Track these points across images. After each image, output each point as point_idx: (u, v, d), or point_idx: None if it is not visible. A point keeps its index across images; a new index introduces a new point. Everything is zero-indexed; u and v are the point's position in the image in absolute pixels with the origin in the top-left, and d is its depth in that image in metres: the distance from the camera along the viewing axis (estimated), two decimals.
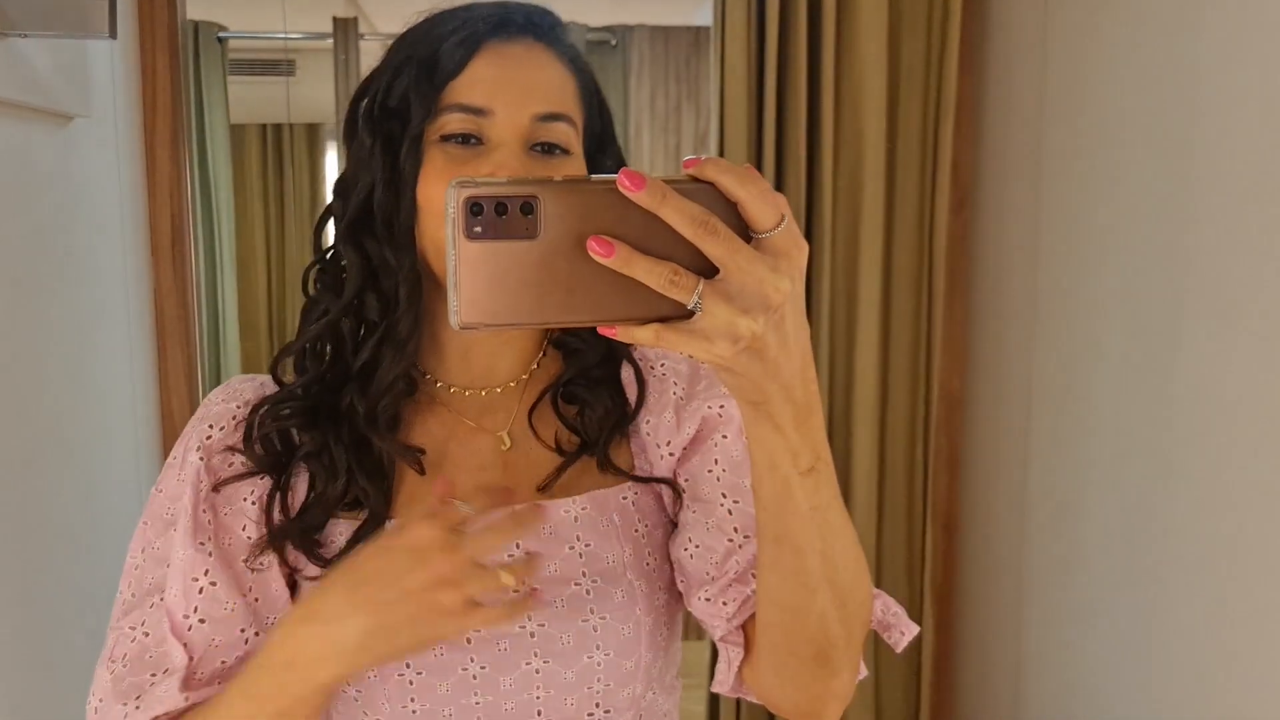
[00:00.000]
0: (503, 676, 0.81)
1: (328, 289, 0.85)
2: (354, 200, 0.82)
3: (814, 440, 0.64)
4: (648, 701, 0.88)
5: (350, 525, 0.83)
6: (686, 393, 0.89)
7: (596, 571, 0.84)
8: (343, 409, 0.84)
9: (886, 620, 0.87)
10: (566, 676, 0.82)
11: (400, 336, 0.82)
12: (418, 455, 0.85)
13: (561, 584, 0.83)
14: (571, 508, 0.86)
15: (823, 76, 2.02)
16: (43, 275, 1.47)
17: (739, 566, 0.83)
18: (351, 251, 0.83)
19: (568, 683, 0.83)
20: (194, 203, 2.90)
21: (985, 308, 2.09)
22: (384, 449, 0.83)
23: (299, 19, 3.09)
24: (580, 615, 0.83)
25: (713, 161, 0.56)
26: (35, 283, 1.44)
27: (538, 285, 0.55)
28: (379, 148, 0.81)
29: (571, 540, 0.85)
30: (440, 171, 0.79)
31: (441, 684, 0.81)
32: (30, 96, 1.39)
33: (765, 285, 0.55)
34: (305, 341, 0.85)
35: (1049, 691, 1.86)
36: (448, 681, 0.81)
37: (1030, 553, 1.91)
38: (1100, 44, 1.68)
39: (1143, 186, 1.55)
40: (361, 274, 0.82)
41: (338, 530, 0.83)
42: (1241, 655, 1.34)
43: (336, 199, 0.85)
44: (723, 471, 0.86)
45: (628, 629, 0.84)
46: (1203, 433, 1.41)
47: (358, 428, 0.83)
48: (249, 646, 0.81)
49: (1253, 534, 1.31)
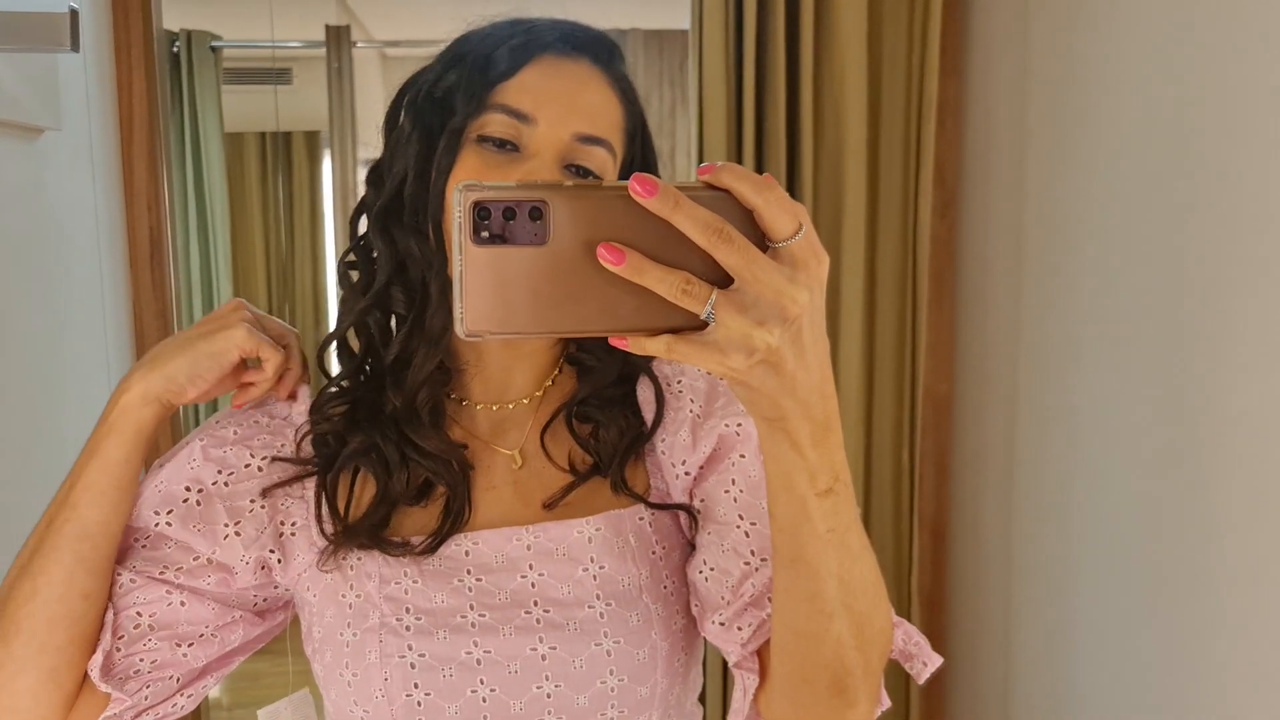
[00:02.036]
0: (513, 700, 0.80)
1: (358, 281, 0.86)
2: (387, 188, 0.82)
3: (833, 460, 0.62)
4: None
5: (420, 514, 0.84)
6: (704, 410, 0.86)
7: (611, 594, 0.82)
8: (382, 408, 0.84)
9: (908, 650, 0.83)
10: (579, 702, 0.80)
11: (433, 334, 0.82)
12: (460, 451, 0.85)
13: (575, 606, 0.81)
14: (585, 528, 0.84)
15: (802, 80, 2.01)
16: (15, 289, 1.47)
17: (755, 590, 0.80)
18: (380, 241, 0.83)
19: (581, 708, 0.80)
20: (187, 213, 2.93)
21: (971, 311, 2.07)
22: (426, 446, 0.83)
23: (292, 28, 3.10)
24: (593, 639, 0.80)
25: (728, 167, 0.53)
26: (7, 295, 1.44)
27: (546, 293, 0.53)
28: (417, 137, 0.81)
29: (585, 562, 0.83)
30: (472, 171, 0.78)
31: (450, 707, 0.79)
32: None
33: (782, 296, 0.53)
34: (336, 335, 0.86)
35: (1038, 696, 1.84)
36: (455, 704, 0.79)
37: (1018, 557, 1.89)
38: (1081, 44, 1.66)
39: (1126, 188, 1.53)
40: (389, 265, 0.82)
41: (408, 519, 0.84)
42: (1228, 657, 1.32)
43: (370, 187, 0.85)
44: (740, 492, 0.83)
45: (643, 654, 0.81)
46: (1188, 435, 1.39)
47: (399, 425, 0.84)
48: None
49: (1240, 534, 1.30)
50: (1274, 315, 1.21)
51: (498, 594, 0.81)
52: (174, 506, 0.82)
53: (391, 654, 0.79)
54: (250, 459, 0.85)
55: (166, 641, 0.81)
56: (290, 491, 0.85)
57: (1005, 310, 1.92)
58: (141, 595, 0.80)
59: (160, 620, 0.81)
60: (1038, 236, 1.81)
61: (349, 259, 0.87)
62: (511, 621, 0.80)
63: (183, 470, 0.83)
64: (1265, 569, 1.24)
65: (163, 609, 0.81)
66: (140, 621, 0.80)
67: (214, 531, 0.82)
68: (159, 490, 0.83)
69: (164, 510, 0.83)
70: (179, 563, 0.82)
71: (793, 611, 0.70)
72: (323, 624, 0.83)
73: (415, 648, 0.79)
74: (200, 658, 0.83)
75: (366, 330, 0.85)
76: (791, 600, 0.69)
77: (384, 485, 0.83)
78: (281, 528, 0.84)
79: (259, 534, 0.83)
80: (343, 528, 0.82)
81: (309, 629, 0.85)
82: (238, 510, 0.83)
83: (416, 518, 0.84)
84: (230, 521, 0.83)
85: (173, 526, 0.82)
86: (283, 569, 0.84)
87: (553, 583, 0.82)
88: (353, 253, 0.87)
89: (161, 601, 0.81)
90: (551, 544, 0.83)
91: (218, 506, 0.83)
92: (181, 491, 0.83)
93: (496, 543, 0.83)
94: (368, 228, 0.85)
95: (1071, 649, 1.71)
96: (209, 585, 0.83)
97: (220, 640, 0.84)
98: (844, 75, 2.02)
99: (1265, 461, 1.23)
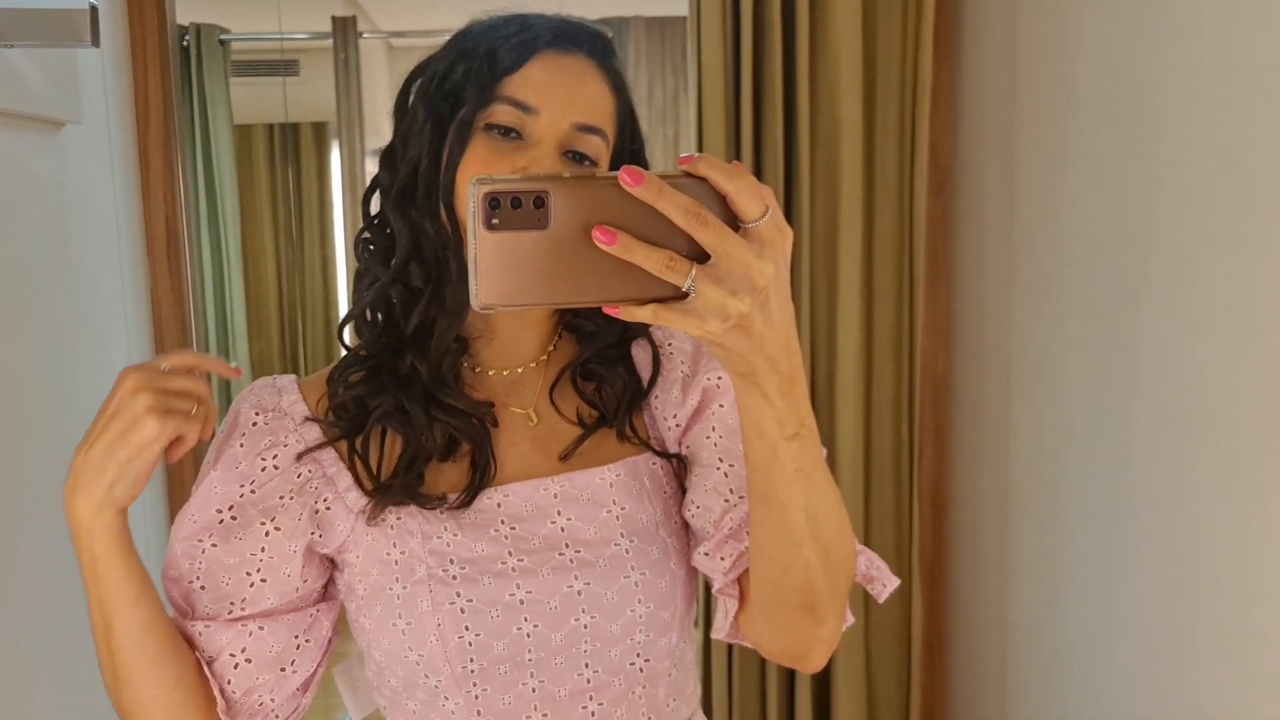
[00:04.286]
0: (554, 633, 0.88)
1: (376, 257, 0.92)
2: (402, 170, 0.89)
3: (798, 408, 0.70)
4: (680, 650, 0.95)
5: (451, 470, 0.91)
6: (691, 369, 0.96)
7: (633, 532, 0.92)
8: (403, 373, 0.91)
9: (869, 574, 0.93)
10: (612, 629, 0.89)
11: (453, 307, 0.89)
12: (489, 408, 0.93)
13: (602, 545, 0.91)
14: (607, 474, 0.93)
15: (798, 63, 2.05)
16: (38, 281, 1.51)
17: (733, 524, 0.89)
18: (399, 220, 0.89)
19: (613, 635, 0.89)
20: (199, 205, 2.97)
21: (967, 288, 2.11)
22: (454, 404, 0.90)
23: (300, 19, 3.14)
24: (622, 573, 0.90)
25: (704, 159, 0.62)
26: (30, 289, 1.48)
27: (548, 270, 0.61)
28: (430, 125, 0.87)
29: (608, 504, 0.92)
30: (481, 158, 0.85)
31: (498, 644, 0.87)
32: (18, 104, 1.44)
33: (751, 269, 0.61)
34: (360, 309, 0.92)
35: (1033, 661, 1.88)
36: (503, 641, 0.87)
37: (1014, 528, 1.94)
38: (1069, 26, 1.69)
39: (1113, 165, 1.56)
40: (409, 242, 0.89)
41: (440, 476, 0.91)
42: (1222, 620, 1.35)
43: (383, 169, 0.92)
44: (719, 438, 0.93)
45: (664, 583, 0.91)
46: (1177, 407, 1.42)
47: (425, 387, 0.90)
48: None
49: (1227, 504, 1.33)
50: (1268, 290, 1.24)
51: (531, 539, 0.90)
52: (213, 530, 0.89)
53: (442, 602, 0.87)
54: (264, 462, 0.90)
55: (271, 670, 0.90)
56: (312, 475, 0.90)
57: (1000, 286, 1.96)
58: (223, 637, 0.88)
59: (254, 653, 0.89)
60: (1030, 214, 1.84)
61: (365, 235, 0.93)
62: (548, 563, 0.89)
63: (211, 500, 0.89)
64: (1260, 531, 1.28)
65: (250, 642, 0.89)
66: (238, 660, 0.89)
67: (254, 534, 0.89)
68: (194, 522, 0.89)
69: (206, 538, 0.89)
70: (241, 595, 0.89)
71: (767, 541, 0.79)
72: (368, 582, 0.89)
73: (463, 594, 0.87)
74: (308, 665, 0.92)
75: (387, 303, 0.91)
76: (765, 531, 0.78)
77: (414, 443, 0.90)
78: (317, 505, 0.90)
79: (297, 522, 0.89)
80: (381, 485, 0.89)
81: (350, 588, 0.91)
82: (270, 509, 0.89)
83: (447, 475, 0.91)
84: (267, 519, 0.89)
85: (217, 547, 0.88)
86: (324, 542, 0.91)
87: (580, 525, 0.91)
88: (368, 230, 0.93)
89: (244, 636, 0.89)
90: (576, 491, 0.92)
91: (251, 512, 0.89)
92: (214, 515, 0.89)
93: (525, 493, 0.91)
94: (385, 207, 0.91)
95: (1065, 616, 1.75)
96: (274, 604, 0.90)
97: (315, 641, 0.92)
98: (839, 60, 2.05)
99: (1257, 432, 1.26)
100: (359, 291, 0.93)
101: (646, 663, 0.91)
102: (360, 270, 0.93)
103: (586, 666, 0.89)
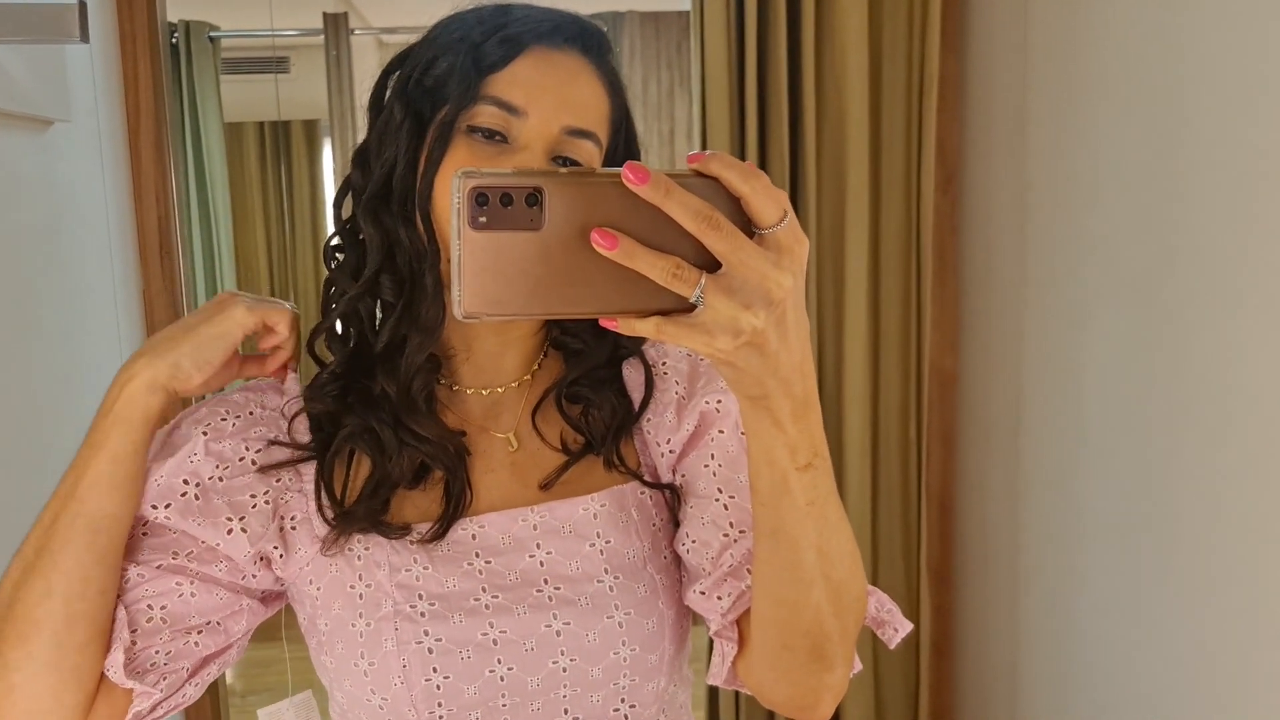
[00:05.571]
0: (530, 677, 0.82)
1: (345, 266, 0.85)
2: (376, 173, 0.82)
3: (812, 436, 0.64)
4: (669, 695, 0.88)
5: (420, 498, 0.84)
6: (687, 391, 0.89)
7: (618, 567, 0.84)
8: (375, 393, 0.84)
9: (880, 617, 0.86)
10: (593, 674, 0.82)
11: (426, 324, 0.82)
12: (458, 438, 0.85)
13: (584, 581, 0.83)
14: (590, 504, 0.86)
15: (803, 57, 2.02)
16: (29, 282, 1.48)
17: (733, 561, 0.82)
18: (371, 226, 0.82)
19: (594, 679, 0.83)
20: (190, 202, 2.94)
21: (975, 285, 2.08)
22: (423, 432, 0.83)
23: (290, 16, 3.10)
24: (605, 612, 0.83)
25: (717, 156, 0.55)
26: (22, 290, 1.45)
27: (541, 276, 0.55)
28: (408, 125, 0.81)
29: (591, 537, 0.85)
30: (462, 162, 0.78)
31: (469, 688, 0.81)
32: (6, 103, 1.40)
33: (767, 280, 0.55)
34: (330, 323, 0.86)
35: (1044, 665, 1.86)
36: (474, 685, 0.81)
37: (1024, 529, 1.91)
38: (1079, 20, 1.67)
39: (1127, 160, 1.54)
40: (380, 251, 0.82)
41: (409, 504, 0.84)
42: (1235, 617, 1.34)
43: (355, 169, 0.85)
44: (719, 467, 0.86)
45: (651, 623, 0.84)
46: (1193, 406, 1.40)
47: (395, 411, 0.83)
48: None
49: (1244, 501, 1.31)
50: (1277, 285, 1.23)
51: (508, 574, 0.83)
52: (172, 500, 0.82)
53: (408, 640, 0.80)
54: (245, 451, 0.84)
55: (179, 632, 0.81)
56: (290, 485, 0.84)
57: (1009, 284, 1.94)
58: (152, 587, 0.80)
59: (172, 612, 0.80)
60: (1040, 210, 1.82)
61: (334, 242, 0.87)
62: (524, 601, 0.82)
63: (183, 465, 0.82)
64: (1271, 529, 1.26)
65: (174, 600, 0.80)
66: (153, 614, 0.80)
67: (215, 525, 0.82)
68: (157, 484, 0.82)
69: (161, 504, 0.82)
70: (188, 548, 0.81)
71: (774, 580, 0.72)
72: (330, 616, 0.83)
73: (432, 633, 0.80)
74: (209, 646, 0.82)
75: (357, 316, 0.85)
76: (772, 570, 0.72)
77: (381, 468, 0.83)
78: (283, 522, 0.84)
79: (264, 530, 0.83)
80: (341, 511, 0.82)
81: (311, 622, 0.85)
82: (239, 505, 0.82)
83: (418, 502, 0.85)
84: (234, 516, 0.82)
85: (171, 520, 0.81)
86: (284, 563, 0.84)
87: (561, 560, 0.84)
88: (339, 235, 0.86)
89: (173, 593, 0.80)
90: (557, 522, 0.85)
91: (216, 501, 0.82)
92: (180, 485, 0.82)
93: (502, 524, 0.84)
94: (356, 212, 0.84)
95: (1077, 618, 1.73)
96: (220, 573, 0.82)
97: (225, 630, 0.84)
98: (846, 54, 2.02)
99: (1270, 430, 1.25)
100: (326, 301, 0.86)
101: (632, 709, 0.84)
102: (329, 279, 0.86)
103: (566, 713, 0.83)
